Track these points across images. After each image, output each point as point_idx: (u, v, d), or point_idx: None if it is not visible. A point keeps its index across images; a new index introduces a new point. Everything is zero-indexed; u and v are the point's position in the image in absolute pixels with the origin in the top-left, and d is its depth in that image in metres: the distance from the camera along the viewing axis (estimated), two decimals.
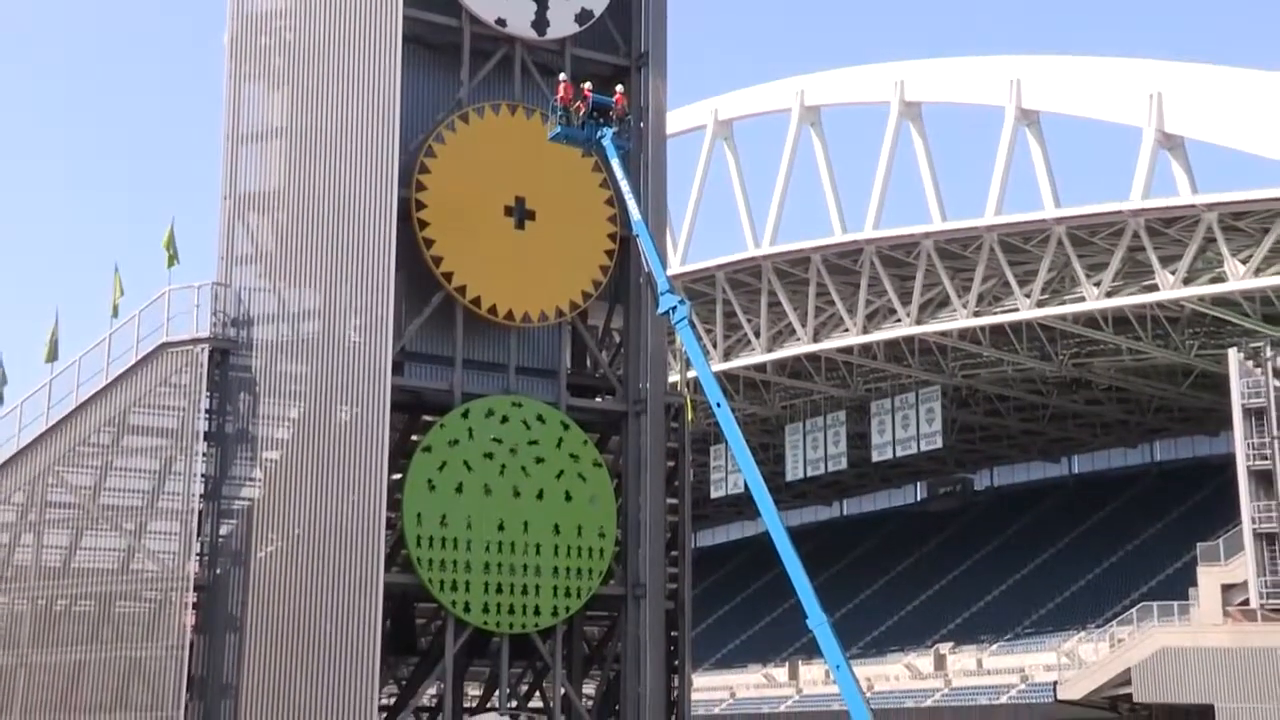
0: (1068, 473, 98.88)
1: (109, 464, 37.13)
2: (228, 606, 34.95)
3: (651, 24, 39.03)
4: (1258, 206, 62.22)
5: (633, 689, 36.05)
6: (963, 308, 72.76)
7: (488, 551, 34.33)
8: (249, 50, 38.40)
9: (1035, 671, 72.40)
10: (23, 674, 36.11)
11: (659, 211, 39.33)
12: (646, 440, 37.25)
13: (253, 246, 37.50)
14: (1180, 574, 67.21)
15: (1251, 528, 56.44)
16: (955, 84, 78.25)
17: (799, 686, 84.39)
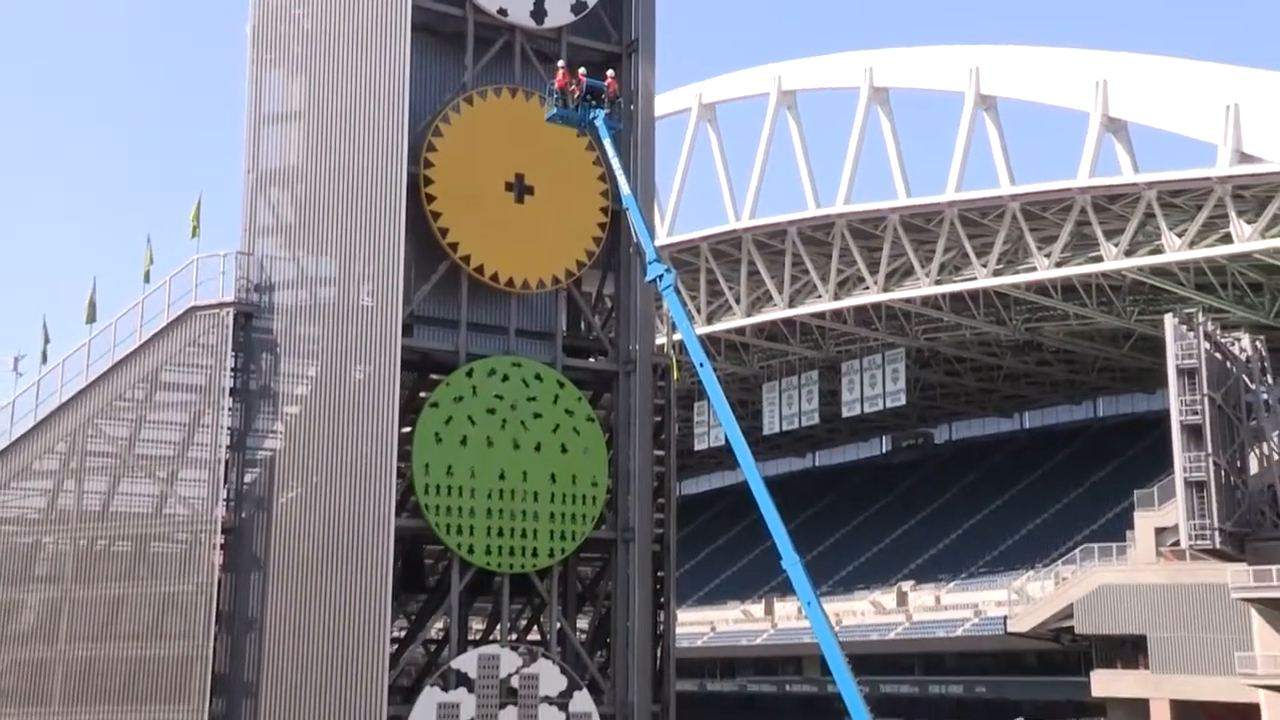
0: (1019, 427, 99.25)
1: (143, 417, 37.09)
2: (252, 547, 35.02)
3: (641, 14, 38.79)
4: (1192, 185, 62.27)
5: (622, 623, 36.23)
6: (925, 277, 72.82)
7: (490, 498, 34.33)
8: (270, 39, 38.23)
9: (988, 607, 72.92)
10: (68, 606, 36.13)
11: (647, 187, 39.27)
12: (635, 397, 37.26)
13: (273, 218, 37.42)
14: (1119, 518, 67.60)
15: (1183, 476, 56.58)
16: (920, 71, 78.10)
17: (774, 621, 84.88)
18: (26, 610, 36.87)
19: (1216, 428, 56.85)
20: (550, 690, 34.19)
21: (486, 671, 33.68)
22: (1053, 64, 71.39)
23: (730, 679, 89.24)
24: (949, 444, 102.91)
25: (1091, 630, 62.37)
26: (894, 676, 76.60)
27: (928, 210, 71.63)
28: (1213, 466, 56.13)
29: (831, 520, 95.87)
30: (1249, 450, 59.14)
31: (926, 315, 77.42)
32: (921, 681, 77.77)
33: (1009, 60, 73.31)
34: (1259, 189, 60.82)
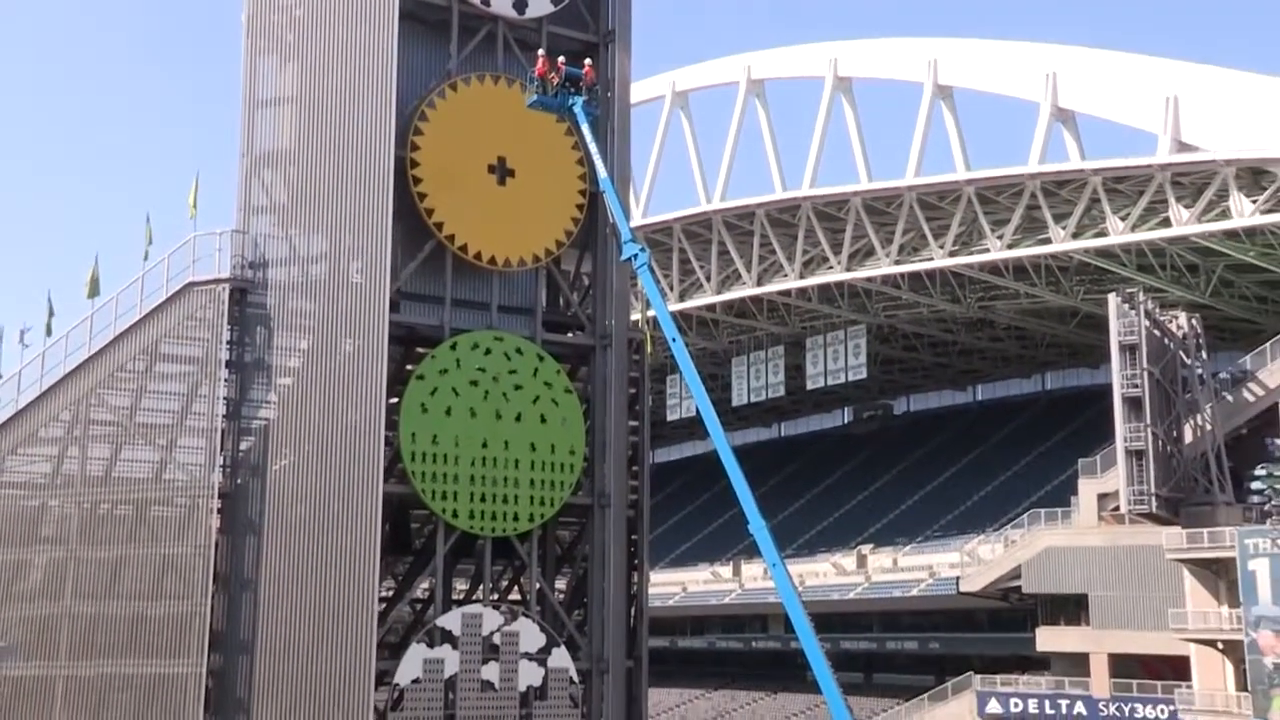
0: (972, 400, 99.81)
1: (143, 388, 36.84)
2: (248, 512, 34.84)
3: (617, 5, 38.58)
4: (1135, 172, 62.78)
5: (598, 584, 36.21)
6: (886, 257, 73.18)
7: (473, 465, 34.24)
8: (264, 27, 37.89)
9: (942, 568, 73.49)
10: (72, 566, 35.95)
11: (623, 170, 39.08)
12: (611, 370, 37.21)
13: (267, 198, 37.15)
14: (1064, 485, 68.17)
15: (1124, 446, 57.17)
16: (881, 62, 78.24)
17: (741, 582, 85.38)
18: (34, 569, 36.70)
19: (1155, 400, 57.46)
20: (530, 647, 34.20)
21: (470, 629, 33.67)
22: (1006, 56, 71.66)
23: (700, 636, 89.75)
24: (906, 415, 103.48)
25: (1037, 590, 63.02)
26: (853, 633, 77.22)
27: (888, 194, 71.92)
28: (1151, 436, 56.75)
29: (796, 487, 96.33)
30: (1184, 421, 59.78)
31: (886, 293, 77.83)
32: (879, 638, 78.41)
33: (965, 53, 73.57)
34: (1196, 176, 61.32)
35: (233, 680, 34.00)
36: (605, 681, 35.51)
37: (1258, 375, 60.04)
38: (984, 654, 68.38)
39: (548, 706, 34.11)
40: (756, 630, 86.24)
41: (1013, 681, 63.46)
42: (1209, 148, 61.08)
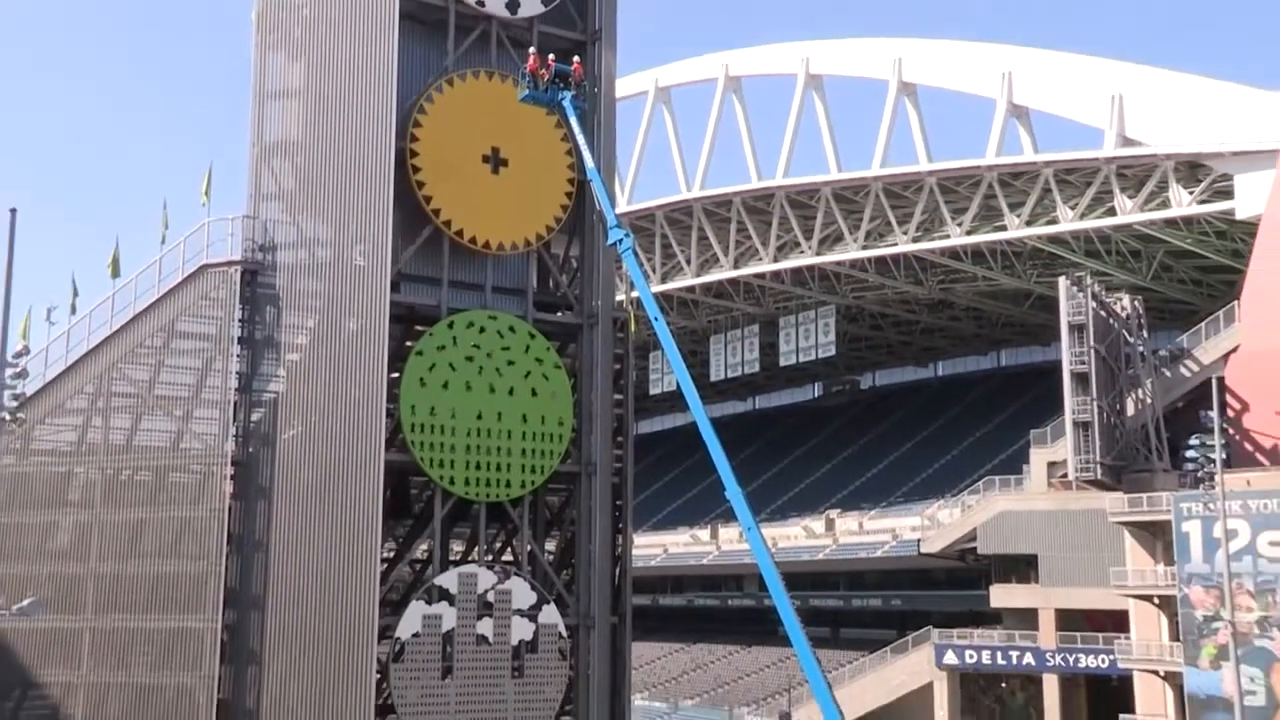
0: (933, 375, 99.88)
1: (161, 362, 36.82)
2: (258, 478, 34.85)
3: (603, 6, 38.36)
4: (1083, 164, 62.96)
5: (585, 546, 36.29)
6: (853, 242, 73.24)
7: (468, 436, 34.24)
8: (273, 24, 37.67)
9: (904, 531, 73.55)
10: (97, 528, 35.99)
11: (609, 161, 39.02)
12: (597, 347, 37.19)
13: (276, 186, 37.01)
14: (1017, 454, 68.17)
15: (1071, 418, 57.44)
16: (850, 61, 78.05)
17: (718, 544, 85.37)
18: (62, 531, 36.74)
19: (1100, 376, 57.73)
20: (522, 604, 34.26)
21: (466, 588, 33.70)
22: (965, 56, 71.62)
23: (679, 594, 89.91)
24: (872, 390, 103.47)
25: (991, 551, 63.16)
26: (822, 591, 77.40)
27: (856, 184, 71.92)
28: (1096, 409, 57.04)
29: (769, 456, 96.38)
30: (1127, 395, 60.07)
31: (854, 276, 77.92)
32: (846, 595, 78.61)
33: (928, 52, 73.46)
34: (1138, 169, 61.52)
35: (246, 633, 34.17)
36: (591, 636, 35.64)
37: (1193, 353, 60.36)
38: (942, 610, 68.55)
39: (538, 659, 34.21)
40: (732, 589, 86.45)
41: (968, 635, 63.74)
42: (1151, 143, 61.27)
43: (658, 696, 77.57)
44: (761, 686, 73.98)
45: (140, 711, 34.47)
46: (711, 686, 78.64)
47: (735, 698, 74.75)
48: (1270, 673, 47.15)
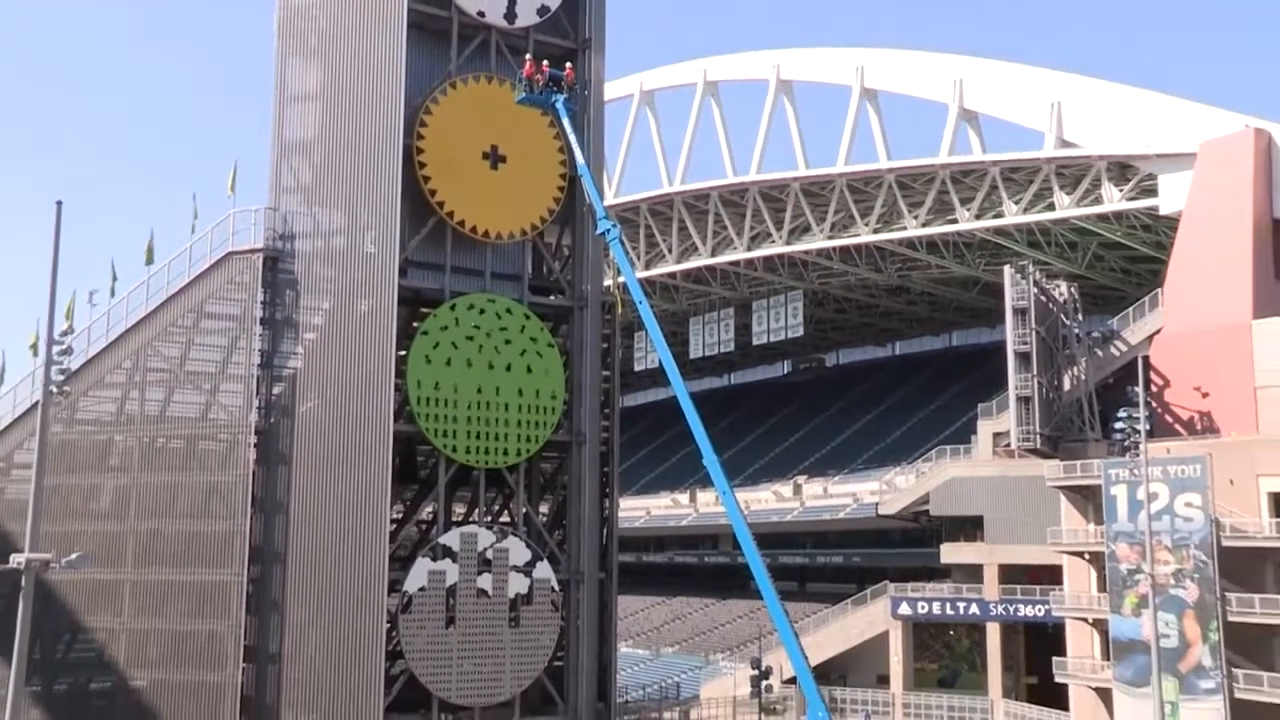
0: (891, 354, 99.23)
1: (191, 341, 36.96)
2: (279, 446, 35.08)
3: (593, 17, 38.44)
4: (1026, 164, 63.01)
5: (575, 508, 36.60)
6: (820, 233, 73.13)
7: (469, 408, 34.44)
8: (292, 32, 37.64)
9: (864, 495, 73.27)
10: (134, 490, 36.25)
11: (598, 157, 39.11)
12: (587, 328, 37.38)
13: (295, 180, 37.05)
14: (965, 426, 67.84)
15: (1014, 393, 57.35)
16: (817, 68, 77.81)
17: (696, 507, 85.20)
18: (104, 493, 36.89)
19: (1040, 355, 57.71)
20: (518, 560, 34.58)
21: (467, 546, 34.02)
22: (921, 65, 71.47)
23: (661, 552, 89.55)
24: (836, 367, 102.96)
25: (942, 512, 62.97)
26: (790, 550, 77.03)
27: (822, 180, 71.82)
28: (1037, 385, 57.06)
29: (742, 427, 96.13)
30: (1064, 372, 60.09)
31: (820, 264, 77.77)
32: (811, 553, 77.94)
33: (887, 61, 73.30)
34: (1075, 168, 61.66)
35: (268, 586, 34.45)
36: (581, 590, 36.04)
37: (1122, 335, 60.52)
38: (897, 566, 67.79)
39: (533, 611, 34.56)
40: (708, 548, 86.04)
41: (920, 588, 63.62)
42: (1086, 145, 61.37)
43: (641, 645, 77.63)
44: (735, 635, 74.16)
45: (176, 654, 34.81)
46: (690, 635, 78.68)
47: (711, 645, 74.90)
48: (1183, 618, 47.60)
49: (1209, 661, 46.53)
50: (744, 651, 67.10)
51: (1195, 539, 47.55)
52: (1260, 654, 46.79)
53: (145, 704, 34.80)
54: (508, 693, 34.10)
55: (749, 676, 55.59)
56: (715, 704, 61.09)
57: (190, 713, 34.17)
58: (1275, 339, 52.67)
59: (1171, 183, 57.70)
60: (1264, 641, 46.87)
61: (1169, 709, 46.18)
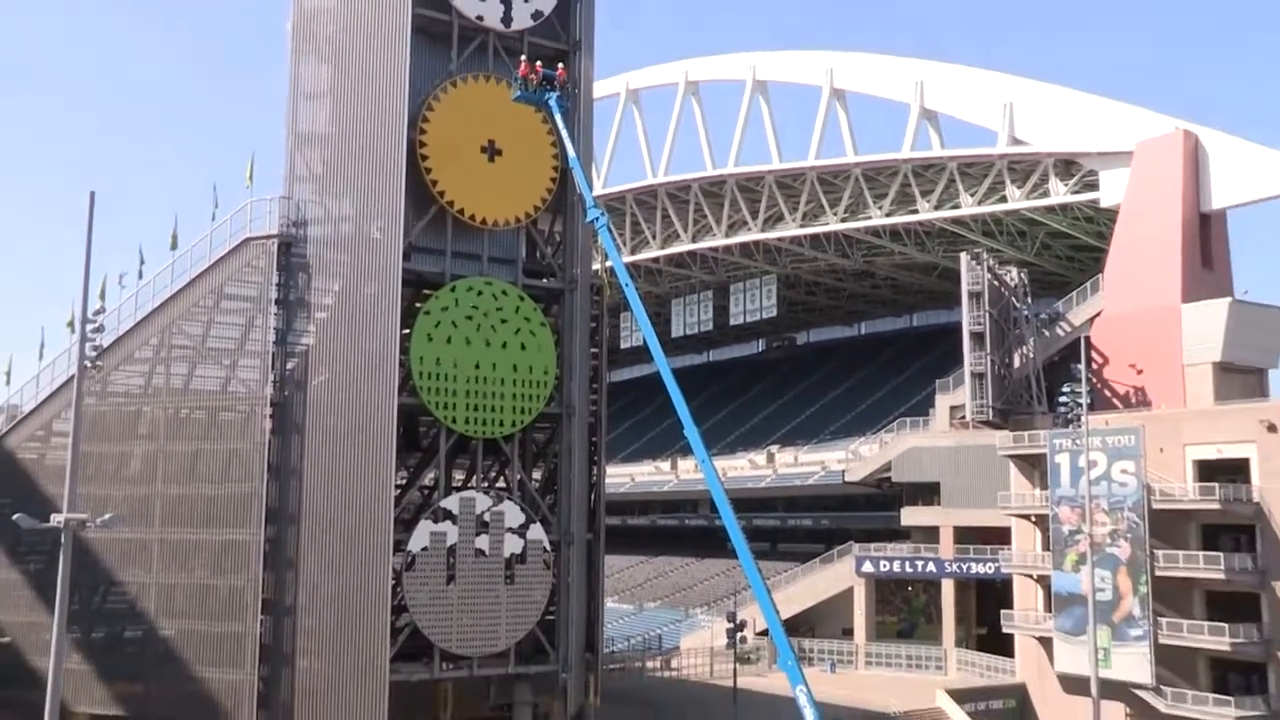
0: (858, 334, 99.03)
1: (212, 320, 36.93)
2: (293, 417, 35.12)
3: (583, 21, 38.41)
4: (981, 159, 63.35)
5: (565, 475, 36.81)
6: (792, 222, 73.37)
7: (468, 383, 34.60)
8: (305, 35, 37.53)
9: (831, 463, 73.34)
10: (161, 457, 36.36)
11: (587, 151, 39.13)
12: (576, 308, 37.52)
13: (307, 171, 37.01)
14: (924, 400, 68.08)
15: (969, 369, 57.95)
16: (790, 69, 77.74)
17: (677, 474, 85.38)
18: (133, 459, 36.94)
19: (993, 335, 58.25)
20: (513, 523, 34.83)
21: (466, 509, 34.24)
22: (886, 68, 71.53)
23: (644, 516, 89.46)
24: (807, 345, 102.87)
25: (903, 479, 63.31)
26: (763, 513, 76.98)
27: (794, 173, 71.98)
28: (990, 362, 57.64)
29: (720, 401, 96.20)
30: (1014, 351, 60.54)
31: (792, 250, 77.96)
32: (783, 516, 77.90)
33: (855, 64, 73.28)
34: (1025, 164, 62.02)
35: (283, 544, 34.65)
36: (571, 550, 36.33)
37: (1067, 316, 61.00)
38: (861, 528, 68.40)
39: (526, 569, 34.85)
40: (688, 511, 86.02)
41: (882, 548, 63.91)
42: (1035, 143, 61.69)
43: (626, 600, 77.90)
44: (712, 591, 74.57)
45: (200, 606, 35.06)
46: (671, 591, 79.00)
47: (690, 600, 75.28)
48: (1117, 574, 48.33)
49: (1138, 612, 47.38)
50: (721, 606, 67.31)
51: (1129, 502, 48.27)
52: (1182, 604, 47.69)
53: (173, 651, 35.05)
54: (503, 644, 34.43)
55: (725, 629, 55.98)
56: (694, 654, 61.57)
57: (213, 659, 34.44)
58: (1201, 321, 53.34)
59: (1111, 178, 58.18)
60: (1185, 593, 47.75)
61: (1102, 655, 47.02)
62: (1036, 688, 53.59)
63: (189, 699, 34.46)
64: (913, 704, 50.55)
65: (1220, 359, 52.63)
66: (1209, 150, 55.51)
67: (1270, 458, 46.72)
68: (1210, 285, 55.03)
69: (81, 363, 23.38)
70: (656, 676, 58.84)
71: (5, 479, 38.66)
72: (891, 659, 60.95)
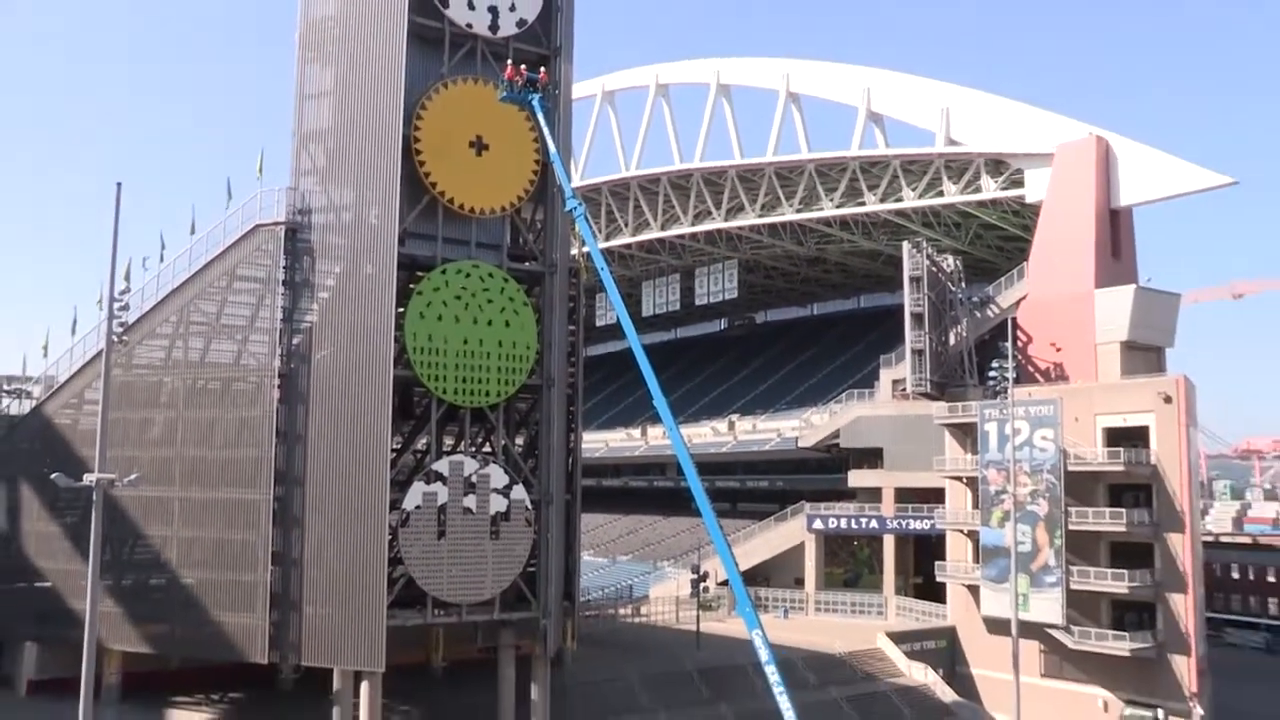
0: (810, 314, 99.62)
1: (226, 299, 36.71)
2: (299, 387, 35.07)
3: (563, 28, 38.31)
4: (921, 158, 64.07)
5: (546, 441, 36.98)
6: (752, 212, 73.80)
7: (457, 356, 34.71)
8: (311, 41, 37.17)
9: (786, 430, 74.15)
10: (180, 423, 36.26)
11: (566, 146, 39.20)
12: (556, 290, 37.65)
13: (312, 164, 36.72)
14: (871, 374, 68.99)
15: (910, 346, 58.72)
16: (751, 75, 77.95)
17: (646, 440, 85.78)
18: (155, 425, 36.77)
19: (931, 315, 59.08)
20: (497, 484, 35.03)
21: (455, 472, 34.39)
22: (837, 74, 71.89)
23: (617, 478, 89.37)
24: (765, 324, 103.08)
25: (850, 445, 64.17)
26: (724, 476, 77.35)
27: (754, 168, 72.36)
28: (928, 340, 58.46)
29: (686, 374, 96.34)
30: (949, 330, 61.44)
31: (752, 238, 78.41)
32: (742, 479, 78.22)
33: (808, 71, 73.59)
34: (960, 163, 62.85)
35: (291, 503, 34.75)
36: (550, 509, 36.62)
37: (996, 300, 61.95)
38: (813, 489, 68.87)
39: (510, 526, 35.13)
40: (656, 474, 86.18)
41: (831, 507, 64.67)
42: (968, 144, 62.48)
43: (600, 554, 78.19)
44: (678, 546, 75.09)
45: (216, 558, 35.17)
46: (640, 546, 79.45)
47: (658, 554, 75.74)
48: (1036, 528, 49.63)
49: (1053, 561, 48.77)
50: (685, 559, 67.89)
51: (1047, 465, 49.52)
52: (1090, 554, 49.19)
53: (193, 597, 35.23)
54: (489, 593, 34.71)
55: (689, 580, 56.82)
56: (661, 602, 62.29)
57: (229, 605, 34.65)
58: (1111, 305, 54.57)
59: (1035, 177, 59.14)
60: (1093, 545, 49.25)
61: (1022, 599, 48.42)
62: (965, 629, 54.94)
63: (208, 640, 34.71)
64: (856, 645, 51.65)
65: (1127, 338, 53.91)
66: (1118, 154, 56.61)
67: (1166, 425, 48.19)
68: (1118, 273, 56.29)
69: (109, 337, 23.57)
70: (627, 622, 59.45)
71: (44, 442, 38.59)
72: (838, 606, 61.95)
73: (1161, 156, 55.61)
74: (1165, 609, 47.78)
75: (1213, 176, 54.09)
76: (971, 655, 54.28)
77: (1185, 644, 47.30)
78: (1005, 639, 47.19)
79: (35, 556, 38.39)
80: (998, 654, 49.84)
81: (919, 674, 49.73)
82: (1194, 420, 51.82)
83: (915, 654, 52.12)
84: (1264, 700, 56.53)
